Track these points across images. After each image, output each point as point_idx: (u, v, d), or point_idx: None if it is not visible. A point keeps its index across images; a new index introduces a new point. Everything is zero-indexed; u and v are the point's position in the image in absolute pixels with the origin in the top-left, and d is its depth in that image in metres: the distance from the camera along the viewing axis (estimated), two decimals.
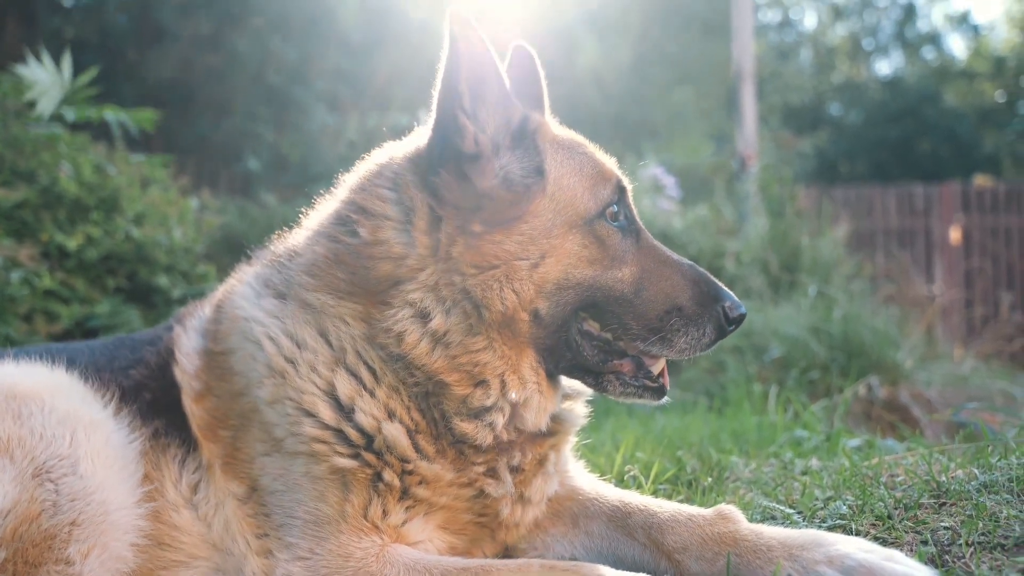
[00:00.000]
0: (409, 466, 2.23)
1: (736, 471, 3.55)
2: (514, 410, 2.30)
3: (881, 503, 2.57)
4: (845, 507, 2.60)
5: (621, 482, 3.23)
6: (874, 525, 2.44)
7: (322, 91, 15.66)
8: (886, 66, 44.11)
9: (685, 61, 22.68)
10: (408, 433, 2.24)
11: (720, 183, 11.97)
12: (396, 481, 2.22)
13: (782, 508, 2.70)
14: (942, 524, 2.36)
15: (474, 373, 2.25)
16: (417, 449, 2.25)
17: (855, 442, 4.15)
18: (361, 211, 2.37)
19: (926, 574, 1.89)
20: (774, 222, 9.53)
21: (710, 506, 2.33)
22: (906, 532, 2.35)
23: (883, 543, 2.24)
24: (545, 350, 2.33)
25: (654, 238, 2.52)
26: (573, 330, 2.34)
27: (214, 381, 2.42)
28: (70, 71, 7.02)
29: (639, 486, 3.21)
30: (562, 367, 2.38)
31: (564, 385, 2.49)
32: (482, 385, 2.26)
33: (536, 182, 2.32)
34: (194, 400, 2.42)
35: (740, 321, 2.43)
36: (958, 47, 51.58)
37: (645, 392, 2.42)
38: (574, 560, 2.41)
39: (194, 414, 2.41)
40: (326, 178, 2.66)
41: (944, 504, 2.54)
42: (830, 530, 2.40)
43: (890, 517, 2.47)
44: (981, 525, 2.28)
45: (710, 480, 3.33)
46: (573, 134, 2.56)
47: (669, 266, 2.42)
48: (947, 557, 2.14)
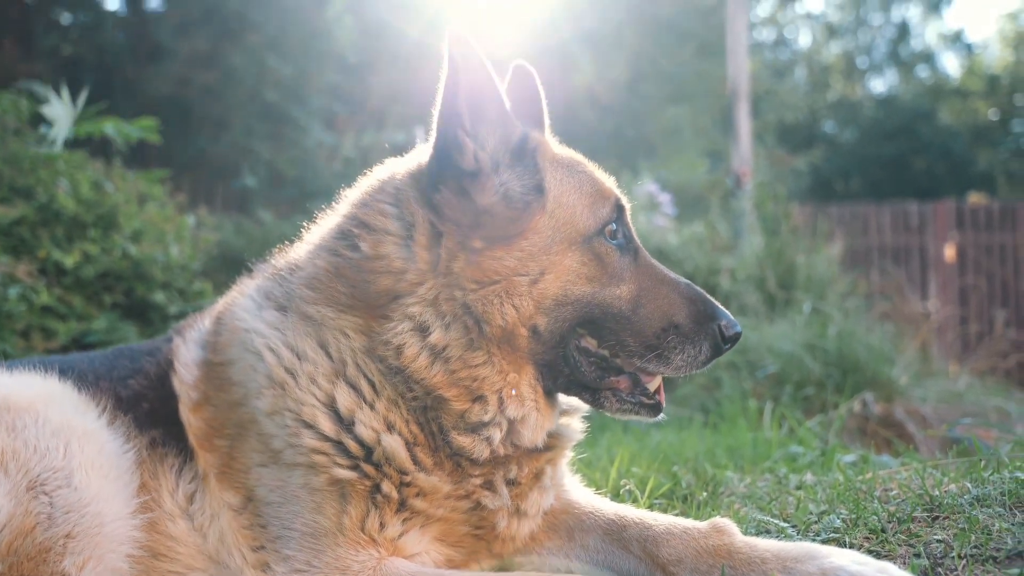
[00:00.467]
0: (407, 478, 2.25)
1: (731, 486, 3.56)
2: (511, 426, 2.32)
3: (875, 517, 2.59)
4: (839, 521, 2.61)
5: (617, 496, 3.24)
6: (868, 538, 2.46)
7: (318, 108, 15.71)
8: (880, 84, 44.34)
9: (680, 79, 22.79)
10: (407, 445, 2.26)
11: (715, 200, 11.98)
12: (394, 493, 2.23)
13: (776, 522, 2.71)
14: (935, 537, 2.37)
15: (472, 388, 2.27)
16: (415, 461, 2.26)
17: (850, 458, 4.16)
18: (363, 226, 2.39)
19: None
20: (769, 239, 9.54)
21: (705, 520, 2.34)
22: (899, 545, 2.36)
23: (877, 556, 2.25)
24: (543, 366, 2.35)
25: (651, 256, 2.54)
26: (571, 346, 2.36)
27: (212, 391, 2.43)
28: (75, 100, 7.05)
29: (635, 500, 3.22)
30: (560, 383, 2.40)
31: (561, 401, 2.51)
32: (480, 400, 2.28)
33: (536, 199, 2.34)
34: (191, 410, 2.43)
35: (736, 340, 2.46)
36: (952, 66, 51.83)
37: (642, 409, 2.44)
38: (570, 573, 2.42)
39: (190, 424, 2.42)
40: (322, 195, 2.69)
41: (937, 518, 2.55)
42: (824, 543, 2.40)
43: (883, 531, 2.48)
44: (974, 538, 2.29)
45: (705, 495, 3.34)
46: (573, 153, 2.59)
47: (666, 284, 2.44)
48: (940, 570, 2.16)
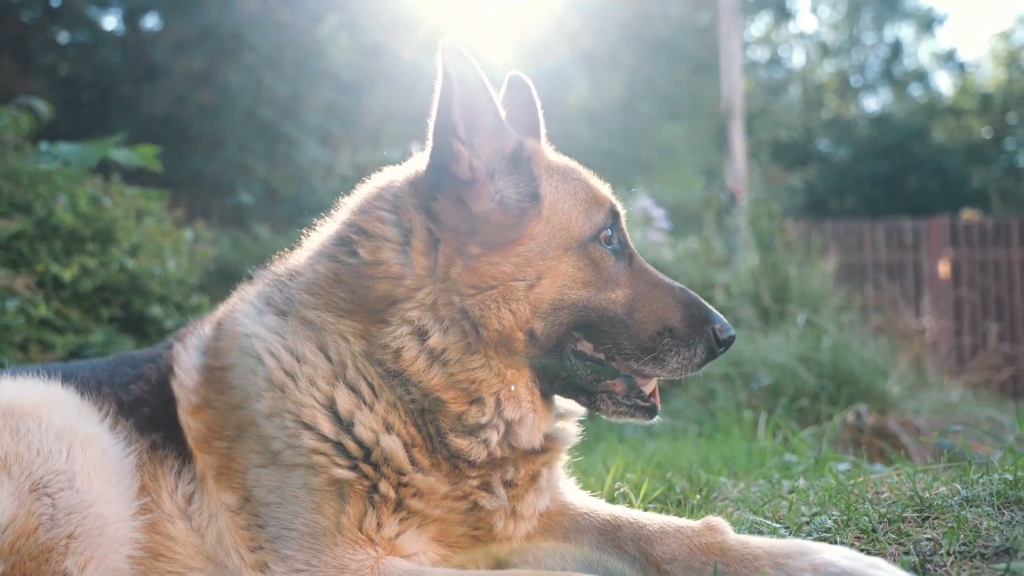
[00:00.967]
0: (404, 478, 2.28)
1: (724, 491, 3.59)
2: (509, 428, 2.35)
3: (866, 517, 2.62)
4: (830, 521, 2.64)
5: (611, 500, 3.26)
6: (858, 538, 2.49)
7: (314, 126, 15.79)
8: (874, 103, 44.51)
9: (675, 97, 22.96)
10: (405, 447, 2.29)
11: (710, 217, 12.05)
12: (391, 493, 2.26)
13: (769, 523, 2.74)
14: (924, 536, 2.41)
15: (470, 391, 2.31)
16: (413, 462, 2.29)
17: (843, 466, 4.18)
18: (361, 232, 2.43)
19: None
20: (764, 254, 9.59)
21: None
22: (889, 544, 2.40)
23: (867, 555, 2.27)
24: (540, 369, 2.39)
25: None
26: (567, 350, 2.39)
27: (212, 395, 2.46)
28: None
29: (629, 503, 3.25)
30: (556, 386, 2.44)
31: (557, 405, 2.54)
32: (477, 403, 2.32)
33: (532, 207, 2.39)
34: (190, 413, 2.46)
35: (729, 343, 2.49)
36: (945, 84, 52.01)
37: (637, 411, 2.47)
38: (564, 571, 2.44)
39: (189, 427, 2.45)
40: (317, 212, 2.72)
41: (927, 518, 2.59)
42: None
43: (874, 530, 2.51)
44: (962, 536, 2.33)
45: (699, 498, 3.37)
46: (568, 160, 2.64)
47: (661, 288, 2.48)
48: (929, 566, 2.19)
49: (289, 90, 15.66)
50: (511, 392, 2.34)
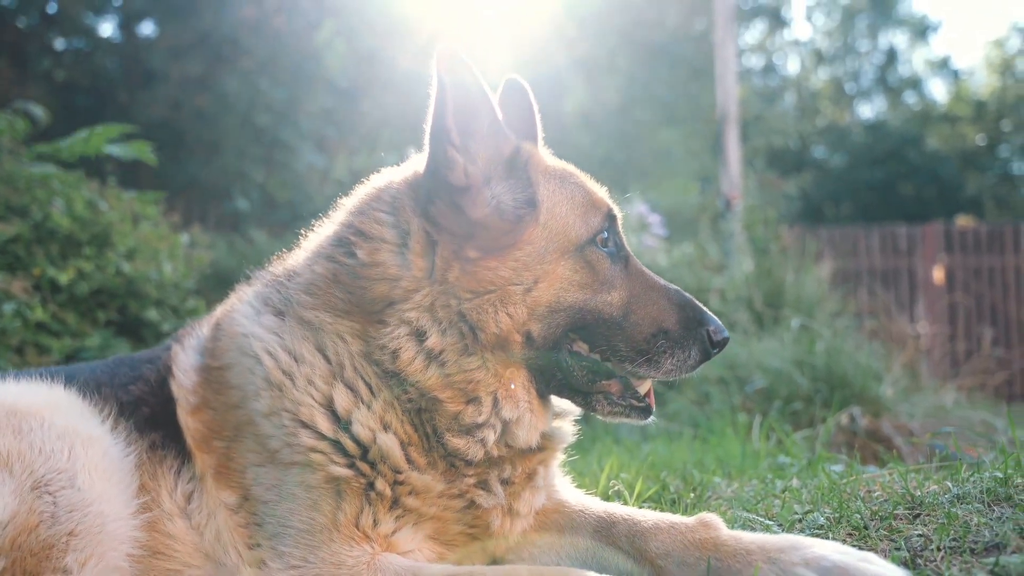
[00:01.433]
0: (400, 476, 2.30)
1: (718, 490, 3.61)
2: (506, 427, 2.38)
3: (858, 515, 2.64)
4: (823, 519, 2.67)
5: (606, 499, 3.26)
6: (850, 535, 2.51)
7: (310, 132, 15.79)
8: (869, 110, 44.68)
9: (672, 104, 23.00)
10: (401, 445, 2.32)
11: (705, 223, 12.07)
12: (388, 491, 2.29)
13: (762, 520, 2.76)
14: (915, 532, 2.43)
15: (467, 391, 2.33)
16: (409, 460, 2.32)
17: (837, 467, 4.21)
18: (359, 233, 2.45)
19: (899, 575, 1.96)
20: (759, 260, 9.62)
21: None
22: (880, 540, 2.42)
23: (858, 550, 2.30)
24: (536, 370, 2.42)
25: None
26: (563, 351, 2.42)
27: (210, 395, 2.48)
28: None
29: (623, 502, 3.27)
30: (552, 386, 2.46)
31: (554, 404, 2.57)
32: (474, 402, 2.34)
33: (528, 212, 2.41)
34: (189, 413, 2.48)
35: (723, 344, 2.52)
36: (939, 92, 52.25)
37: (632, 411, 2.50)
38: (559, 566, 2.47)
39: (188, 427, 2.47)
40: (314, 217, 2.74)
41: (919, 515, 2.61)
42: None
43: (866, 527, 2.54)
44: (953, 532, 2.35)
45: (692, 497, 3.39)
46: (565, 164, 2.66)
47: (656, 291, 2.51)
48: (919, 561, 2.21)
49: (285, 96, 15.67)
50: (508, 392, 2.37)
